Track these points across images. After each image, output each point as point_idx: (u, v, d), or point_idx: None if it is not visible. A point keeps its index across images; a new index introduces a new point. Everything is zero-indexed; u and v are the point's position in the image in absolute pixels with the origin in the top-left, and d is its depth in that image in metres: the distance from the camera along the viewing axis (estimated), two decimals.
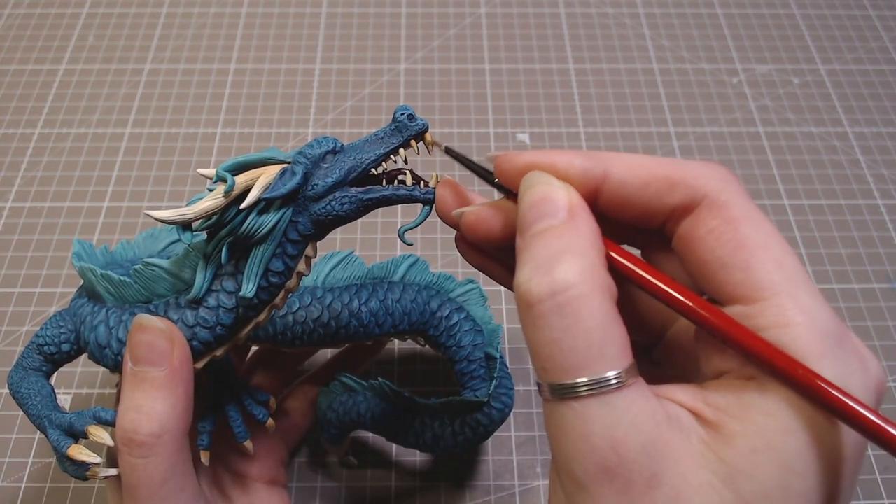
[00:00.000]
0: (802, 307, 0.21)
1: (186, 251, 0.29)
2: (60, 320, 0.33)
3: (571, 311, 0.21)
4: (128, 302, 0.31)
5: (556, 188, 0.24)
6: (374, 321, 0.38)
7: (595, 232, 0.24)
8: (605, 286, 0.22)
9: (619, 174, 0.24)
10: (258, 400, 0.36)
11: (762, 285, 0.22)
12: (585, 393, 0.21)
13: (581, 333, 0.21)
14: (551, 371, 0.22)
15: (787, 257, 0.23)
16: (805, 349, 0.21)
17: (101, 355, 0.31)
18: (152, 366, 0.28)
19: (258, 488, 0.38)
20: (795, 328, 0.21)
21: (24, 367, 0.34)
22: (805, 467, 0.21)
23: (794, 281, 0.22)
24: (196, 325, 0.29)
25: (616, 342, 0.22)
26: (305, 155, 0.28)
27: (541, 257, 0.23)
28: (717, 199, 0.24)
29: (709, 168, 0.24)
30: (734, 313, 0.22)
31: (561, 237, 0.23)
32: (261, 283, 0.28)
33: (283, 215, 0.28)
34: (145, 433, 0.27)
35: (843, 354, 0.21)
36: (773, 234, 0.23)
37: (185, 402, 0.29)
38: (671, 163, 0.24)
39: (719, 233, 0.23)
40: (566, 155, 0.25)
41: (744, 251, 0.22)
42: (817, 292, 0.22)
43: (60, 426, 0.32)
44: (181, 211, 0.27)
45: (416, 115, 0.28)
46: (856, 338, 0.23)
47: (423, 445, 0.38)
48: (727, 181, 0.24)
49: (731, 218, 0.23)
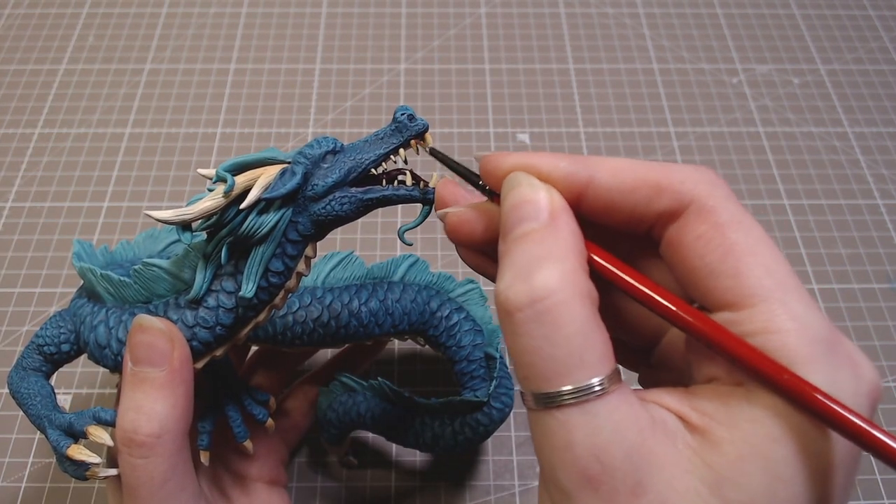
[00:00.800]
0: (792, 313, 0.21)
1: (186, 251, 0.29)
2: (60, 320, 0.33)
3: (550, 318, 0.21)
4: (127, 302, 0.31)
5: (537, 190, 0.24)
6: (373, 321, 0.38)
7: (576, 235, 0.23)
8: (585, 292, 0.22)
9: (605, 178, 0.24)
10: (258, 400, 0.36)
11: (751, 291, 0.22)
12: (567, 401, 0.21)
13: (561, 341, 0.21)
14: (532, 380, 0.22)
15: (777, 262, 0.22)
16: (794, 355, 0.21)
17: (100, 355, 0.31)
18: (152, 366, 0.28)
19: (258, 488, 0.38)
20: (784, 334, 0.21)
21: (24, 368, 0.34)
22: (792, 474, 0.20)
23: (784, 286, 0.22)
24: (196, 326, 0.29)
25: (597, 349, 0.21)
26: (305, 155, 0.28)
27: (520, 264, 0.22)
28: (705, 204, 0.23)
29: (696, 172, 0.24)
30: (723, 320, 0.22)
31: (541, 242, 0.23)
32: (260, 284, 0.28)
33: (282, 215, 0.28)
34: (145, 433, 0.27)
35: (834, 360, 0.21)
36: (762, 238, 0.23)
37: (185, 403, 0.29)
38: (658, 167, 0.24)
39: (707, 238, 0.23)
40: (551, 157, 0.25)
41: (732, 257, 0.22)
42: (808, 297, 0.22)
43: (60, 426, 0.32)
44: (181, 211, 0.27)
45: (416, 116, 0.28)
46: (850, 343, 0.22)
47: (423, 445, 0.38)
48: (715, 185, 0.24)
49: (719, 223, 0.23)
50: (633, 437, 0.21)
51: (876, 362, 0.49)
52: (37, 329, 0.49)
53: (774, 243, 0.23)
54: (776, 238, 0.55)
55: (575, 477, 0.21)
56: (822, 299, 0.51)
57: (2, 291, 0.52)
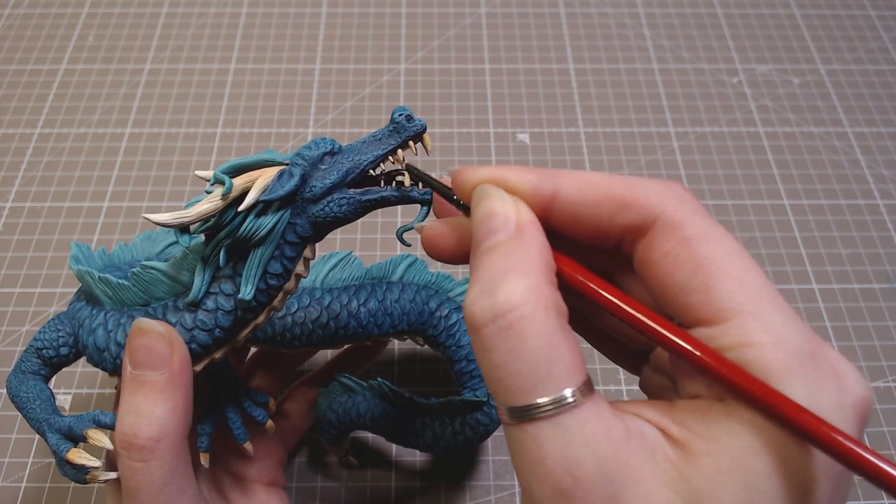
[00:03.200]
0: (767, 325, 0.21)
1: (184, 254, 0.29)
2: (59, 323, 0.33)
3: (515, 333, 0.21)
4: (126, 305, 0.31)
5: (505, 202, 0.24)
6: (372, 321, 0.38)
7: (543, 248, 0.23)
8: (550, 305, 0.22)
9: (569, 192, 0.24)
10: (257, 402, 0.36)
11: (723, 306, 0.21)
12: (537, 415, 0.21)
13: (526, 355, 0.21)
14: (502, 395, 0.21)
15: (749, 274, 0.22)
16: (771, 368, 0.20)
17: (99, 359, 0.31)
18: (152, 370, 0.28)
19: (257, 490, 0.38)
20: (760, 347, 0.21)
21: (23, 371, 0.34)
22: (771, 488, 0.20)
23: (758, 298, 0.21)
24: (194, 328, 0.29)
25: (564, 361, 0.21)
26: (303, 156, 0.28)
27: (486, 278, 0.22)
28: (672, 220, 0.23)
29: (663, 187, 0.24)
30: (700, 335, 0.22)
31: (507, 255, 0.23)
32: (259, 286, 0.28)
33: (281, 217, 0.28)
34: (145, 437, 0.27)
35: (813, 372, 0.21)
36: (734, 250, 0.22)
37: (184, 406, 0.29)
38: (625, 181, 0.24)
39: (675, 255, 0.22)
40: (519, 170, 0.25)
41: (701, 272, 0.22)
42: (786, 307, 0.22)
43: (59, 430, 0.32)
44: (179, 214, 0.27)
45: (414, 116, 0.28)
46: (834, 353, 0.22)
47: (423, 445, 0.38)
48: (682, 200, 0.23)
49: (687, 238, 0.23)
50: (606, 450, 0.20)
51: (876, 362, 0.49)
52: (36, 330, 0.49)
53: (748, 254, 0.23)
54: (776, 238, 0.55)
55: (548, 491, 0.21)
56: (823, 299, 0.51)
57: (2, 291, 0.52)
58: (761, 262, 0.53)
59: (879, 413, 0.46)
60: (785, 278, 0.52)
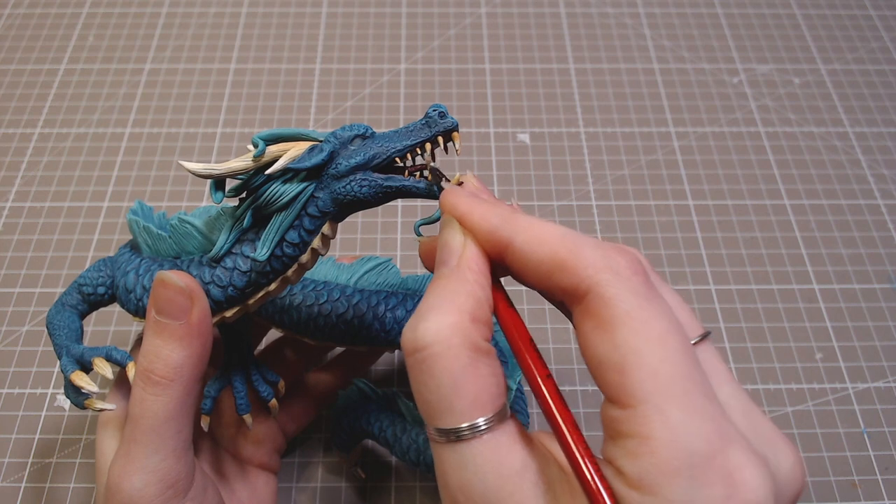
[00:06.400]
0: (667, 421, 0.21)
1: (218, 213, 0.31)
2: (102, 265, 0.36)
3: (426, 367, 0.23)
4: (160, 255, 0.34)
5: (455, 237, 0.26)
6: (396, 328, 0.38)
7: (476, 285, 0.25)
8: (465, 343, 0.23)
9: (521, 244, 0.25)
10: (267, 379, 0.37)
11: (632, 392, 0.22)
12: (442, 439, 0.23)
13: (433, 388, 0.23)
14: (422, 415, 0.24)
15: (666, 364, 0.22)
16: (661, 466, 0.21)
17: (126, 299, 0.34)
18: (171, 318, 0.30)
19: (250, 470, 0.39)
20: (655, 443, 0.21)
21: (63, 303, 0.36)
22: None
23: (666, 391, 0.21)
24: (210, 283, 0.31)
25: (468, 398, 0.23)
26: (336, 136, 0.30)
27: (419, 309, 0.24)
28: (602, 295, 0.23)
29: (603, 258, 0.24)
30: (612, 414, 0.22)
31: (439, 290, 0.25)
32: (275, 252, 0.30)
33: (304, 188, 0.29)
34: (160, 375, 0.30)
35: (701, 477, 0.20)
36: (658, 337, 0.22)
37: (200, 354, 0.30)
38: (572, 244, 0.24)
39: (600, 331, 0.23)
40: (485, 210, 0.26)
41: (618, 354, 0.22)
42: (698, 401, 0.21)
43: (73, 355, 0.34)
44: (210, 166, 0.29)
45: (447, 114, 0.29)
46: (742, 457, 0.21)
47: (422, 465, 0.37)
48: (618, 275, 0.23)
49: (611, 317, 0.23)
50: (493, 481, 0.23)
51: (876, 362, 0.48)
52: (36, 330, 0.49)
53: (678, 340, 0.22)
54: (777, 238, 0.55)
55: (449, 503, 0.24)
56: (823, 299, 0.51)
57: (2, 291, 0.52)
58: (761, 262, 0.53)
59: (880, 413, 0.46)
60: (786, 278, 0.52)
